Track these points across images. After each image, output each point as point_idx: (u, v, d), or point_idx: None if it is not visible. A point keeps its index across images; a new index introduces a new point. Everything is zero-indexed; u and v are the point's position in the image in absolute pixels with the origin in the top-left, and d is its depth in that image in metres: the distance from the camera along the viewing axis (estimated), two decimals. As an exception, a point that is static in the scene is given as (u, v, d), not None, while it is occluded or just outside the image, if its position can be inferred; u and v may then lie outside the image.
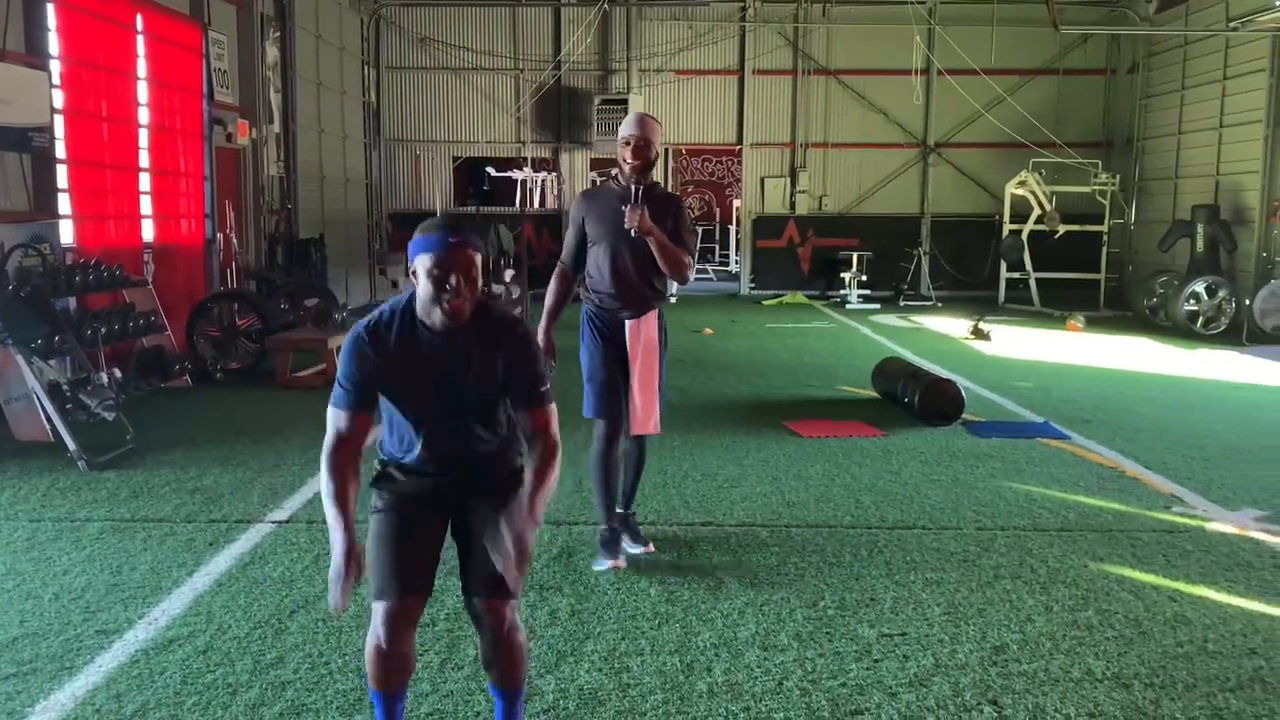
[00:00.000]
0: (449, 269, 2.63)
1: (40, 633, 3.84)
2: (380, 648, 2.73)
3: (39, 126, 8.16)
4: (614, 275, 4.57)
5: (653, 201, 4.50)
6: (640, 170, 4.51)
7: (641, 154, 4.50)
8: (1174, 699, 3.41)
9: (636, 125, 4.54)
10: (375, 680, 2.81)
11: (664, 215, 4.52)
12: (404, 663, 2.81)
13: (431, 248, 2.64)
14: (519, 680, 2.91)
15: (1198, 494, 5.86)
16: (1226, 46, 14.96)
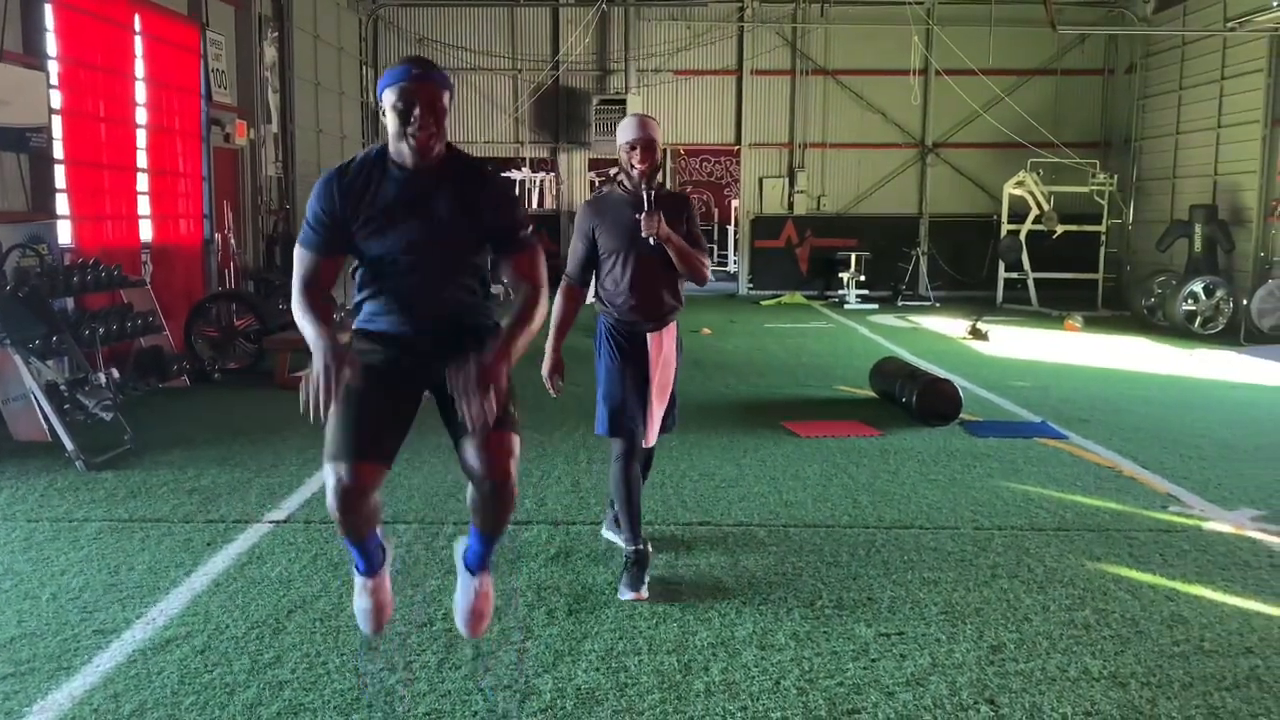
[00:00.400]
0: (412, 101, 2.63)
1: (38, 633, 3.84)
2: (337, 511, 2.77)
3: (37, 127, 8.17)
4: (635, 287, 4.34)
5: (662, 204, 4.31)
6: (649, 174, 4.33)
7: (648, 157, 4.32)
8: (1170, 698, 3.41)
9: (639, 128, 4.34)
10: (342, 531, 2.86)
11: (677, 217, 4.36)
12: (368, 515, 2.84)
13: (395, 80, 2.66)
14: (504, 526, 3.04)
15: (1195, 493, 5.87)
16: (1224, 46, 14.97)
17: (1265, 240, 14.13)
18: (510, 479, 2.82)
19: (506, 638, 3.84)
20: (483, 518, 2.91)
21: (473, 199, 2.76)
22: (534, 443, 6.99)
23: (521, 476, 6.02)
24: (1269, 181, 14.11)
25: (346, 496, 2.74)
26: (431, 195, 2.74)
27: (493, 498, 2.84)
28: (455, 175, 2.77)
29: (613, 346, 4.45)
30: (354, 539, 2.91)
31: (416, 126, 2.63)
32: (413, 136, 2.64)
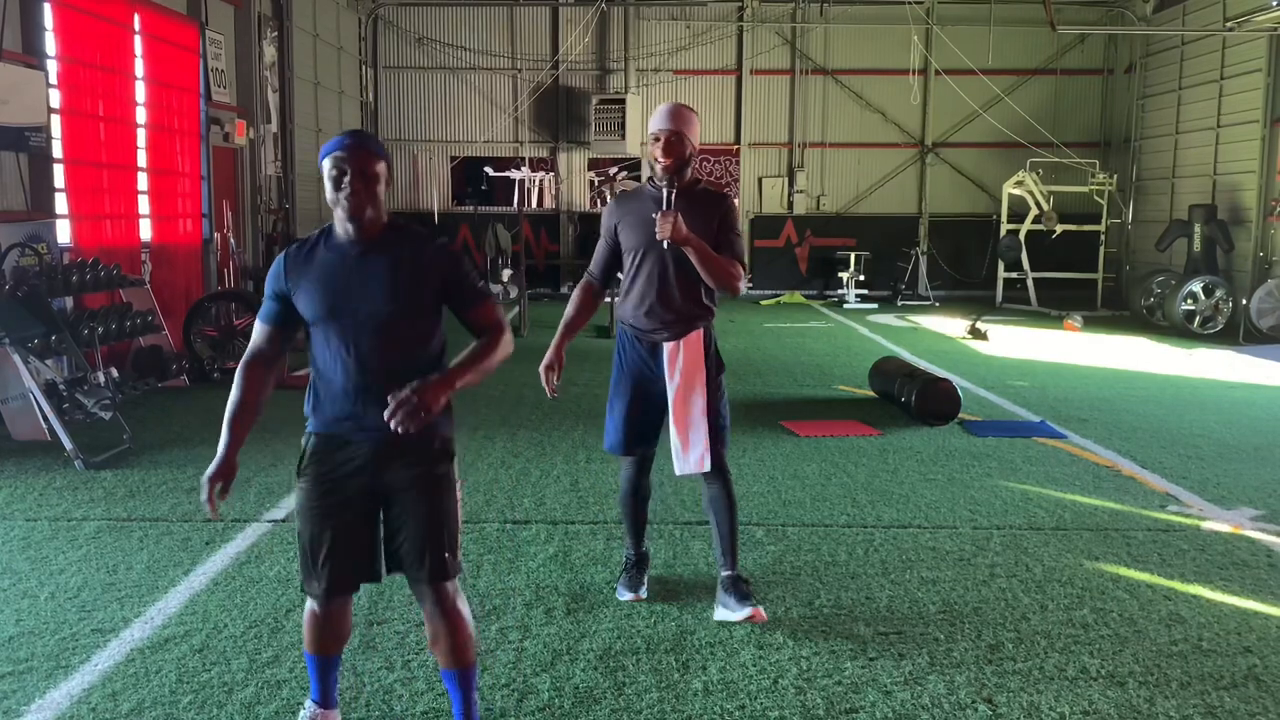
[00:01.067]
0: (344, 169, 2.74)
1: (36, 631, 3.84)
2: (315, 615, 2.95)
3: (36, 126, 8.17)
4: (649, 291, 3.96)
5: (693, 203, 3.92)
6: (673, 169, 3.92)
7: (673, 151, 3.91)
8: (1168, 697, 3.41)
9: (667, 118, 3.95)
10: (309, 644, 3.01)
11: (707, 218, 3.92)
12: (338, 633, 3.01)
13: (330, 150, 2.78)
14: (469, 659, 2.95)
15: (1193, 493, 5.87)
16: (1223, 46, 14.98)
17: (1264, 240, 14.14)
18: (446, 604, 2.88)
19: (504, 637, 3.84)
20: (441, 649, 2.93)
21: (415, 264, 2.82)
22: (533, 442, 7.00)
23: (520, 476, 6.04)
24: (1268, 181, 14.11)
25: (321, 623, 2.95)
26: (371, 262, 2.80)
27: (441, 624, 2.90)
28: (395, 243, 2.84)
29: (621, 358, 4.12)
30: (319, 653, 3.01)
31: (348, 191, 2.73)
32: (346, 199, 2.74)
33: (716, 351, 4.08)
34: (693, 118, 4.01)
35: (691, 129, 3.97)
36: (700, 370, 3.97)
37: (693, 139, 3.98)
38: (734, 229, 3.99)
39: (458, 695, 2.97)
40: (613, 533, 5.07)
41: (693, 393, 3.95)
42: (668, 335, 3.99)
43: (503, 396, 8.59)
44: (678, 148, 3.93)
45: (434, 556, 2.83)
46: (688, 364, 3.96)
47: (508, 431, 7.29)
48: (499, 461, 6.43)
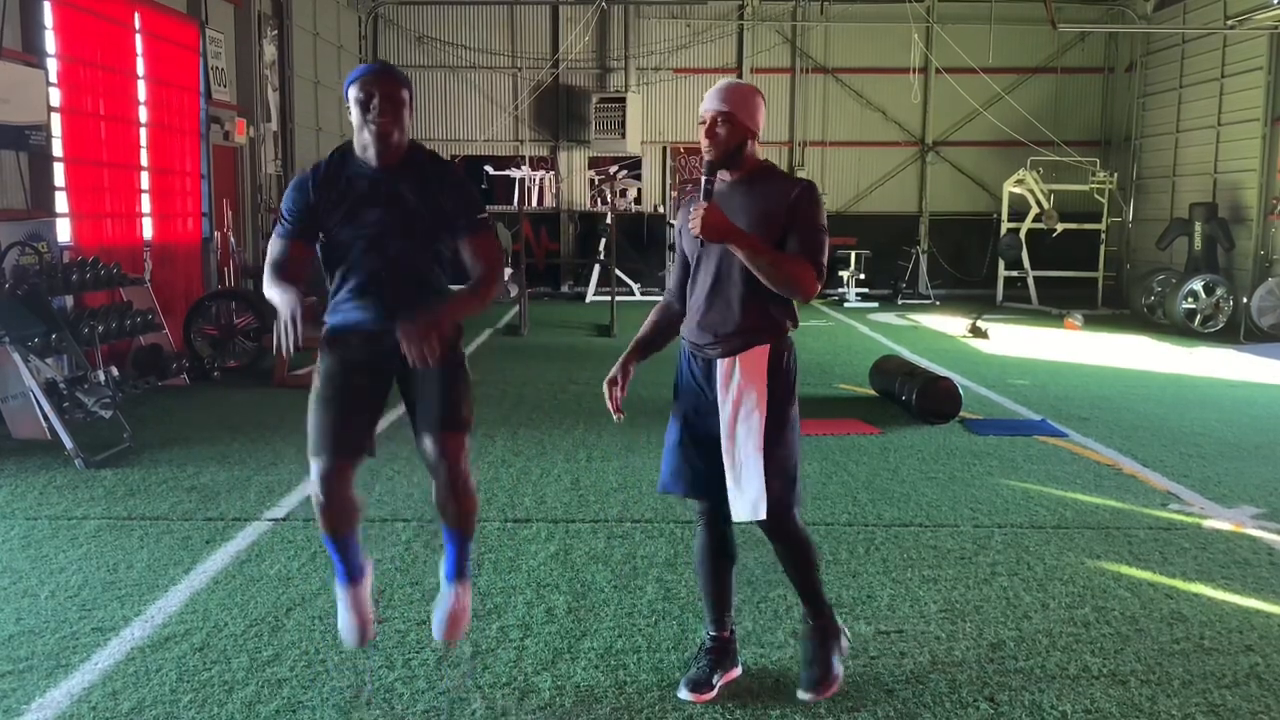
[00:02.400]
0: (371, 92, 2.92)
1: (36, 630, 3.84)
2: (320, 501, 3.10)
3: (36, 124, 8.16)
4: (703, 298, 3.37)
5: (755, 191, 3.36)
6: (718, 157, 3.39)
7: (716, 135, 3.37)
8: (1170, 695, 3.41)
9: (713, 96, 3.42)
10: (324, 526, 3.15)
11: (770, 208, 3.29)
12: (348, 510, 3.16)
13: (356, 76, 2.95)
14: (472, 525, 3.22)
15: (1194, 491, 5.87)
16: (1224, 44, 14.96)
17: (1265, 238, 14.13)
18: (460, 464, 3.09)
19: (505, 635, 3.83)
20: (445, 511, 3.17)
21: (432, 185, 3.03)
22: (533, 440, 6.99)
23: (520, 477, 6.04)
24: (1269, 179, 14.10)
25: (329, 486, 3.07)
26: (394, 185, 3.00)
27: (448, 487, 3.11)
28: (416, 166, 3.05)
29: (679, 376, 3.48)
30: (336, 536, 3.17)
31: (376, 113, 2.91)
32: (372, 123, 2.92)
33: (789, 376, 3.33)
34: (747, 95, 3.45)
35: (745, 108, 3.41)
36: (757, 395, 3.25)
37: (747, 119, 3.41)
38: (807, 220, 3.28)
39: (454, 549, 3.24)
40: (613, 531, 5.07)
41: (745, 422, 3.24)
42: (721, 351, 3.31)
43: (503, 396, 8.59)
44: (721, 131, 3.39)
45: (447, 409, 3.04)
46: (742, 386, 3.26)
47: (508, 430, 7.28)
48: (500, 460, 6.43)
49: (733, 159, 3.41)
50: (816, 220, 3.30)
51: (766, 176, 3.44)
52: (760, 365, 3.28)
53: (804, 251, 3.23)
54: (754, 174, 3.43)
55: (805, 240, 3.25)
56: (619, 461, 6.45)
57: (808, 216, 3.28)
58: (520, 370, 9.97)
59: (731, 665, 3.50)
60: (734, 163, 3.41)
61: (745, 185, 3.39)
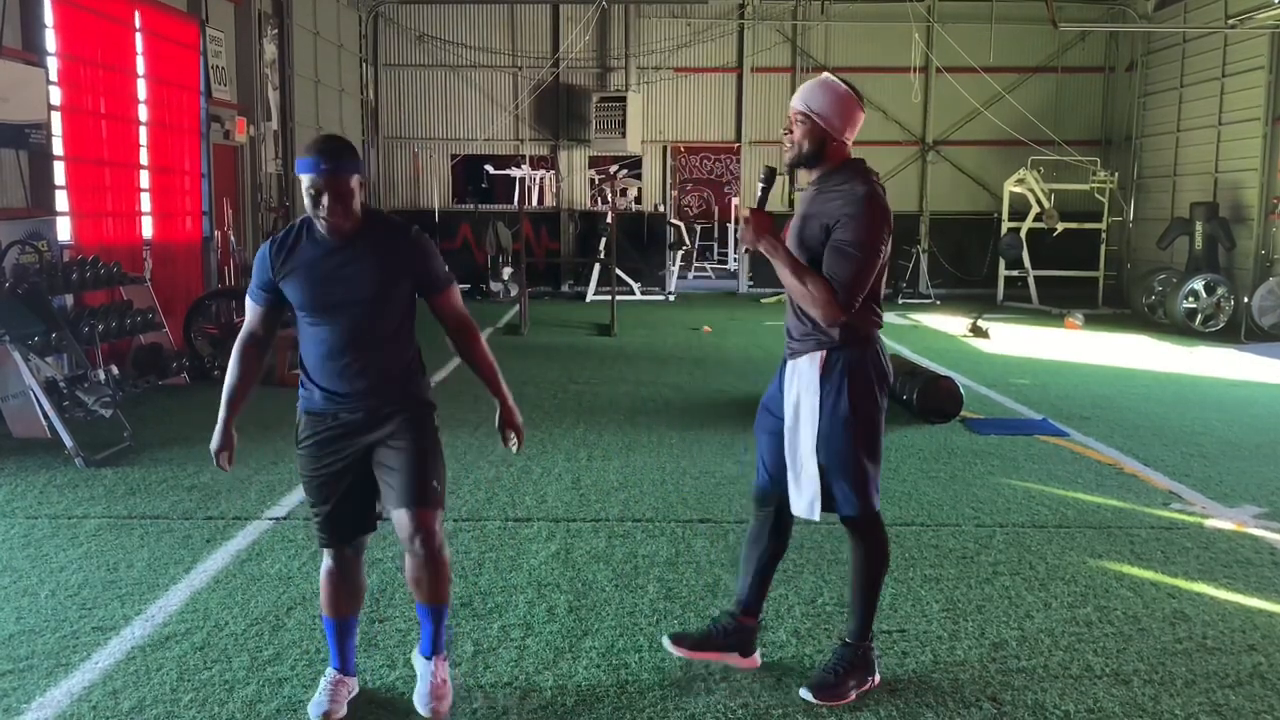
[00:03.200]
0: (320, 191, 2.93)
1: (37, 629, 3.83)
2: (330, 571, 3.20)
3: (36, 123, 8.15)
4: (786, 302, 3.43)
5: (822, 198, 3.23)
6: (792, 158, 3.27)
7: (790, 135, 3.26)
8: (1173, 695, 3.40)
9: (796, 95, 3.27)
10: (325, 605, 3.23)
11: (816, 222, 3.20)
12: (353, 590, 3.24)
13: (305, 169, 2.94)
14: (445, 596, 3.19)
15: (1196, 491, 5.86)
16: (1225, 44, 14.95)
17: (1266, 238, 14.12)
18: (433, 540, 3.08)
19: (506, 635, 3.83)
20: (420, 586, 3.15)
21: (393, 255, 3.06)
22: (534, 440, 6.98)
23: (521, 476, 6.03)
24: (1270, 179, 14.09)
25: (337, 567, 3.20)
26: (350, 256, 3.02)
27: (422, 563, 3.09)
28: (372, 236, 3.05)
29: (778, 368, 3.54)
30: (337, 617, 3.22)
31: (326, 212, 2.95)
32: (324, 219, 2.96)
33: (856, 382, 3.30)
34: (831, 94, 3.21)
35: (828, 107, 3.18)
36: (810, 398, 3.29)
37: (830, 120, 3.18)
38: (843, 238, 3.12)
39: (429, 625, 3.22)
40: (614, 530, 5.06)
41: (803, 426, 3.32)
42: (789, 353, 3.40)
43: (504, 394, 8.58)
44: (798, 131, 3.22)
45: (416, 484, 3.05)
46: (800, 389, 3.33)
47: (509, 429, 7.26)
48: (500, 459, 6.42)
49: (809, 161, 3.26)
50: (858, 240, 3.11)
51: (841, 181, 3.22)
52: (815, 371, 3.29)
53: (832, 272, 3.12)
54: (830, 175, 3.24)
55: (837, 260, 3.12)
56: (620, 461, 6.44)
57: (849, 234, 3.12)
58: (520, 369, 9.97)
59: (735, 650, 3.52)
60: (813, 164, 3.26)
61: (817, 189, 3.28)
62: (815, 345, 3.29)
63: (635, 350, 11.48)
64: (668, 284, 18.37)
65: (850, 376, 3.28)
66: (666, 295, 18.01)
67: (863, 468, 3.35)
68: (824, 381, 3.28)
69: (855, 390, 3.29)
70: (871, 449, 3.39)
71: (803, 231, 3.24)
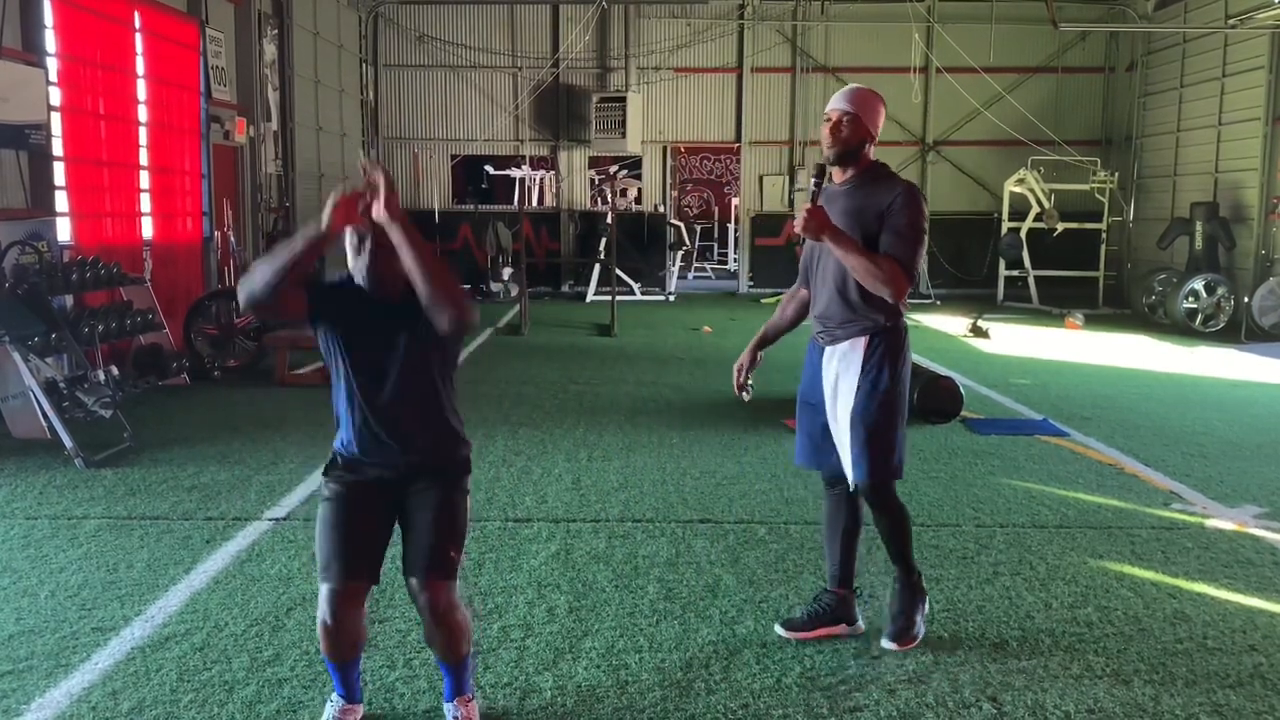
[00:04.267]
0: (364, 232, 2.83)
1: (36, 630, 3.83)
2: (326, 624, 2.98)
3: (36, 124, 8.15)
4: (818, 290, 3.72)
5: (863, 192, 3.58)
6: (839, 154, 3.62)
7: (836, 133, 3.60)
8: (1174, 695, 3.40)
9: (839, 97, 3.66)
10: (326, 651, 3.07)
11: (872, 209, 3.53)
12: (352, 639, 3.06)
13: None
14: (461, 654, 3.10)
15: (1197, 491, 5.86)
16: (1225, 44, 14.95)
17: (1266, 238, 14.11)
18: (442, 607, 2.99)
19: (506, 635, 3.82)
20: (434, 645, 3.10)
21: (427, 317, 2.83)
22: (534, 440, 6.98)
23: (521, 476, 6.03)
24: (1270, 179, 14.09)
25: (337, 608, 2.96)
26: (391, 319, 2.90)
27: (435, 626, 3.03)
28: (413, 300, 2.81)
29: (807, 361, 3.84)
30: (337, 660, 3.09)
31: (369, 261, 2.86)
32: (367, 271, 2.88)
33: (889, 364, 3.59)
34: (871, 99, 3.67)
35: (869, 112, 3.62)
36: (850, 379, 3.59)
37: (869, 123, 3.62)
38: (901, 222, 3.48)
39: (448, 679, 3.16)
40: (614, 531, 5.06)
41: (844, 405, 3.61)
42: (827, 340, 3.68)
43: (503, 395, 8.58)
44: (845, 131, 3.58)
45: (433, 552, 2.97)
46: (840, 370, 3.62)
47: (509, 429, 7.27)
48: (500, 459, 6.41)
49: (850, 158, 3.62)
50: (911, 222, 3.50)
51: (876, 177, 3.64)
52: (857, 354, 3.59)
53: (894, 252, 3.46)
54: (865, 174, 3.63)
55: (896, 241, 3.48)
56: (620, 461, 6.44)
57: (903, 218, 3.49)
58: (521, 370, 9.96)
59: (841, 621, 3.83)
60: (850, 162, 3.62)
61: (856, 185, 3.61)
62: (859, 330, 3.60)
63: (635, 350, 11.48)
64: (668, 284, 18.37)
65: (889, 357, 3.60)
66: (666, 295, 18.00)
67: (893, 438, 3.63)
68: (865, 363, 3.58)
69: (893, 369, 3.61)
70: (901, 421, 3.67)
71: (856, 220, 3.53)
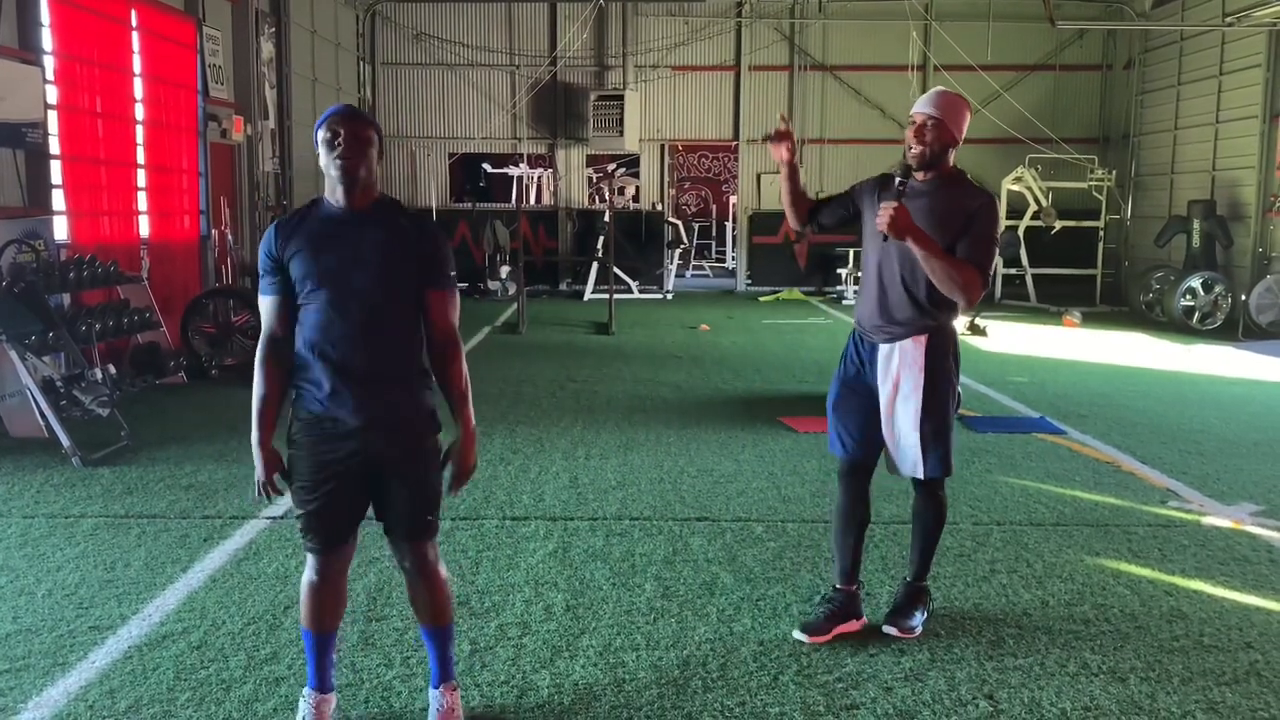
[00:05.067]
0: (338, 130, 2.82)
1: (34, 629, 3.83)
2: (314, 584, 3.03)
3: (32, 122, 8.14)
4: (874, 287, 3.77)
5: (944, 196, 3.64)
6: (920, 158, 3.64)
7: (921, 136, 3.64)
8: (1170, 693, 3.40)
9: (925, 102, 3.71)
10: (307, 619, 3.07)
11: (953, 215, 3.60)
12: (336, 602, 3.09)
13: (325, 118, 2.86)
14: (447, 617, 3.12)
15: (1193, 489, 5.87)
16: (1223, 42, 14.95)
17: (1263, 236, 14.12)
18: (427, 566, 3.05)
19: (504, 634, 3.83)
20: (418, 606, 3.11)
21: (401, 233, 2.89)
22: (532, 438, 6.98)
23: (518, 475, 6.03)
24: (1267, 177, 14.09)
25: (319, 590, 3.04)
26: (360, 228, 2.87)
27: (419, 585, 3.06)
28: (387, 213, 2.92)
29: (844, 353, 3.92)
30: (319, 630, 3.07)
31: (342, 149, 2.81)
32: (339, 158, 2.81)
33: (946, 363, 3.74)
34: (959, 105, 3.70)
35: (955, 117, 3.66)
36: (914, 377, 3.68)
37: (955, 129, 3.66)
38: (981, 232, 3.59)
39: (434, 650, 3.15)
40: (611, 529, 5.07)
41: (904, 403, 3.70)
42: (885, 337, 3.74)
43: (501, 393, 8.58)
44: (930, 135, 3.62)
45: (416, 519, 2.99)
46: (899, 370, 3.70)
47: (506, 428, 7.27)
48: (498, 458, 6.42)
49: (934, 162, 3.66)
50: (990, 232, 3.63)
51: (957, 183, 3.70)
52: (918, 354, 3.68)
53: (973, 259, 3.56)
54: (946, 179, 3.69)
55: (976, 249, 3.58)
56: (617, 459, 6.44)
57: (983, 228, 3.60)
58: (518, 368, 9.97)
59: (852, 617, 3.87)
60: (934, 165, 3.66)
61: (936, 188, 3.66)
62: (920, 329, 3.68)
63: (633, 349, 11.48)
64: (665, 282, 18.36)
65: (951, 354, 3.76)
66: (664, 294, 18.01)
67: (951, 434, 3.78)
68: (930, 360, 3.68)
69: (955, 366, 3.78)
70: (953, 419, 3.80)
71: (938, 222, 3.58)
